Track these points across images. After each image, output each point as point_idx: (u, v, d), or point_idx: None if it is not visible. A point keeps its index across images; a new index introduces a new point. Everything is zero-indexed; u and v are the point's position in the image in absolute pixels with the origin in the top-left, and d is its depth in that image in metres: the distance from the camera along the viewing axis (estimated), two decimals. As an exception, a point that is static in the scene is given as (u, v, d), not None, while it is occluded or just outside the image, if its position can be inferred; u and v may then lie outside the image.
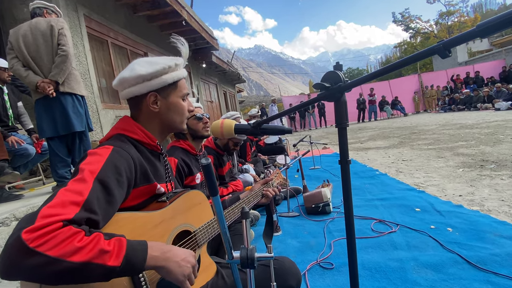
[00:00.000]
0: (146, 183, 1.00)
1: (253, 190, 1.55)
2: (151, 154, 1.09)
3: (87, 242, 0.69)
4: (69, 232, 0.67)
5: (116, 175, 0.86)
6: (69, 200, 0.73)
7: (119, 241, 0.74)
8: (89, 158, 0.86)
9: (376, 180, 3.71)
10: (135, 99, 1.07)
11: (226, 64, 13.68)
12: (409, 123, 11.40)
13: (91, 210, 0.75)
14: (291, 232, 2.44)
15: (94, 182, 0.79)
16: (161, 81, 1.04)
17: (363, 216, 2.53)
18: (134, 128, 1.05)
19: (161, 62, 1.05)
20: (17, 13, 4.38)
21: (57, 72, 2.68)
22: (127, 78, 1.04)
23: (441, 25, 40.62)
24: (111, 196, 0.82)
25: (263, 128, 1.00)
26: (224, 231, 0.77)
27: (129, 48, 6.50)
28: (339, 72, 0.79)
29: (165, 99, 1.08)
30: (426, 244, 1.93)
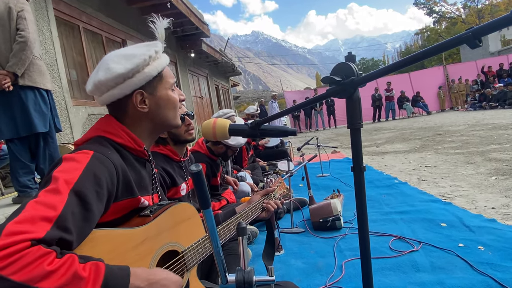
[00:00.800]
0: (129, 197, 1.00)
1: (251, 203, 1.54)
2: (136, 161, 1.08)
3: (58, 265, 0.68)
4: (38, 253, 0.67)
5: (95, 187, 0.85)
6: (40, 215, 0.72)
7: (96, 266, 0.73)
8: (64, 165, 0.85)
9: (395, 190, 3.72)
10: (117, 103, 1.06)
11: (219, 53, 13.71)
12: (433, 123, 11.45)
13: (64, 228, 0.74)
14: (295, 251, 2.44)
15: (70, 194, 0.78)
16: (145, 75, 1.03)
17: (380, 232, 2.53)
18: (118, 131, 1.04)
19: (139, 53, 1.03)
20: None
21: (15, 62, 2.62)
22: (104, 81, 1.02)
23: (469, 8, 40.94)
24: (88, 211, 0.82)
25: (262, 129, 1.00)
26: (217, 250, 0.77)
27: (105, 35, 6.51)
28: (352, 64, 0.80)
29: (152, 95, 1.07)
30: (454, 265, 1.93)
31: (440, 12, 43.15)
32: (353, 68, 0.79)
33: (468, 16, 40.05)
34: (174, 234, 1.10)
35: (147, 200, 1.07)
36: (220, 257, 0.78)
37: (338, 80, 0.80)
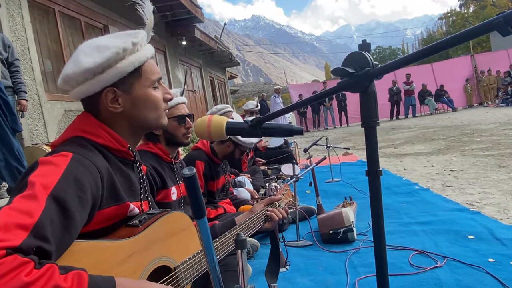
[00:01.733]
0: (115, 203, 1.01)
1: (253, 212, 1.55)
2: (122, 163, 1.09)
3: (37, 276, 0.69)
4: (14, 262, 0.68)
5: (77, 192, 0.86)
6: (15, 222, 0.73)
7: (78, 276, 0.74)
8: (41, 169, 0.86)
9: (416, 197, 3.72)
10: (88, 100, 1.07)
11: (214, 41, 13.73)
12: (459, 121, 11.45)
13: (42, 237, 0.75)
14: (302, 267, 2.44)
15: (48, 200, 0.79)
16: (117, 71, 1.03)
17: (399, 246, 2.53)
18: (97, 130, 1.05)
19: (112, 46, 1.03)
20: None
21: None
22: (72, 75, 1.02)
23: (501, -11, 40.91)
24: (69, 219, 0.83)
25: (264, 128, 1.00)
26: (212, 265, 0.78)
27: (84, 20, 6.53)
28: (367, 54, 0.80)
29: (127, 93, 1.07)
30: (483, 283, 1.93)
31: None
32: (368, 58, 0.79)
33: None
34: (166, 248, 1.10)
35: (136, 206, 1.08)
36: (216, 274, 0.79)
37: (351, 72, 0.80)
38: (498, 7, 37.80)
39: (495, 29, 0.57)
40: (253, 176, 4.47)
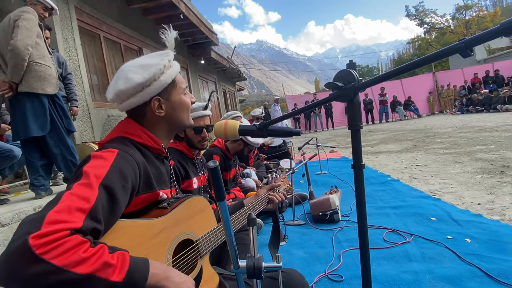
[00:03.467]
0: (149, 191, 1.01)
1: (258, 196, 1.56)
2: (156, 158, 1.10)
3: (92, 253, 0.70)
4: (76, 241, 0.68)
5: (122, 181, 0.87)
6: (76, 206, 0.73)
7: (122, 256, 0.75)
8: (93, 162, 0.87)
9: (388, 186, 3.72)
10: (136, 109, 1.07)
11: (226, 60, 13.73)
12: (423, 125, 11.39)
13: (96, 219, 0.76)
14: (297, 242, 2.45)
15: (100, 188, 0.80)
16: (161, 83, 1.05)
17: (375, 225, 2.53)
18: (138, 132, 1.06)
19: (154, 63, 1.05)
20: (3, 4, 4.42)
21: (9, 70, 2.57)
22: (124, 90, 1.03)
23: (458, 20, 40.63)
24: (115, 203, 0.83)
25: (270, 130, 1.01)
26: (230, 239, 0.78)
27: (123, 43, 6.55)
28: (353, 71, 0.80)
29: (168, 100, 1.09)
30: (443, 255, 1.93)
31: (430, 23, 42.87)
32: (354, 74, 0.80)
33: (457, 27, 39.73)
34: (189, 225, 1.11)
35: (165, 193, 1.09)
36: (233, 245, 0.80)
37: (340, 86, 0.80)
38: (456, 34, 37.52)
39: (457, 51, 0.57)
40: (257, 168, 4.48)
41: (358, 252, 0.88)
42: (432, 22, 42.91)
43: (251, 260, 0.80)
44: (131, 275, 0.74)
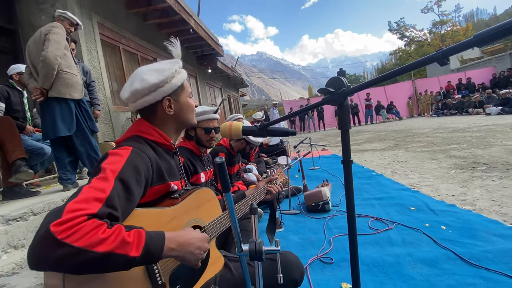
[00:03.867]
0: (161, 183, 1.01)
1: (258, 188, 1.56)
2: (166, 154, 1.10)
3: (110, 233, 0.70)
4: (93, 224, 0.69)
5: (135, 175, 0.87)
6: (93, 196, 0.74)
7: (138, 233, 0.75)
8: (110, 158, 0.87)
9: (373, 180, 3.71)
10: (148, 108, 1.08)
11: (230, 69, 13.71)
12: (403, 127, 11.37)
13: (112, 206, 0.76)
14: (293, 228, 2.45)
15: (115, 181, 0.80)
16: (172, 85, 1.06)
17: (361, 214, 2.53)
18: (150, 130, 1.07)
19: (167, 68, 1.06)
20: (35, 20, 4.42)
21: (40, 78, 2.60)
22: (140, 89, 1.03)
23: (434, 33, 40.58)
24: (130, 194, 0.84)
25: (269, 130, 1.00)
26: (235, 225, 0.78)
27: (140, 54, 6.55)
28: (343, 78, 0.80)
29: (176, 101, 1.10)
30: (421, 241, 1.93)
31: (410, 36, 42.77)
32: (343, 81, 0.79)
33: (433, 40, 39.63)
34: (198, 213, 1.11)
35: (175, 185, 1.09)
36: (237, 231, 0.79)
37: (332, 91, 0.80)
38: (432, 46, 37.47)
39: (435, 60, 0.57)
40: (258, 164, 4.47)
41: (347, 237, 0.88)
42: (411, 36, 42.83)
43: (253, 244, 0.80)
44: (147, 248, 0.75)
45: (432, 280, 1.49)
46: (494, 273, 1.48)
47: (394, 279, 1.53)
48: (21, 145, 2.72)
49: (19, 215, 2.22)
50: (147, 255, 0.75)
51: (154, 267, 0.91)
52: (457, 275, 1.50)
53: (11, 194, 2.72)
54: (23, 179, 2.69)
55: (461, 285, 1.42)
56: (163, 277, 0.93)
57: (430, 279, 1.49)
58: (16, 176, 2.60)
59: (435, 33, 40.39)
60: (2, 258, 1.99)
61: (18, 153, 2.66)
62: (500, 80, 15.31)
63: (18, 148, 2.67)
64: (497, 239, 1.82)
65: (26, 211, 2.27)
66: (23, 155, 2.69)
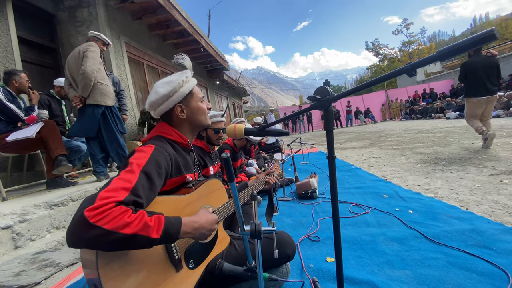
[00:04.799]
0: (179, 175, 1.01)
1: (258, 179, 1.55)
2: (183, 151, 1.10)
3: (134, 218, 0.70)
4: (120, 210, 0.69)
5: (157, 168, 0.87)
6: (121, 186, 0.74)
7: (158, 218, 0.75)
8: (136, 154, 0.87)
9: (352, 173, 3.70)
10: (166, 114, 1.07)
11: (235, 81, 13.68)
12: (378, 129, 11.34)
13: (137, 195, 0.76)
14: (286, 212, 2.44)
15: (140, 173, 0.80)
16: (181, 94, 1.05)
17: (343, 200, 2.52)
18: (170, 131, 1.06)
19: (174, 80, 1.05)
20: (73, 40, 4.40)
21: (80, 88, 2.62)
22: (154, 101, 1.04)
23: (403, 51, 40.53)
24: (152, 184, 0.83)
25: (266, 131, 1.00)
26: (238, 210, 0.78)
27: (160, 69, 6.53)
28: (328, 87, 0.80)
29: (188, 106, 1.08)
30: (392, 223, 1.92)
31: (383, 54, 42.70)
32: (329, 90, 0.79)
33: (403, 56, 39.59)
34: (208, 199, 1.11)
35: (190, 177, 1.08)
36: (240, 215, 0.79)
37: (318, 98, 0.80)
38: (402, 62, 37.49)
39: (405, 72, 0.56)
40: (257, 160, 4.46)
41: (331, 220, 0.87)
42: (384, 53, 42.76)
43: (253, 225, 0.80)
44: (166, 231, 0.74)
45: (401, 255, 1.48)
46: (452, 249, 1.48)
47: (370, 254, 1.53)
48: (62, 144, 2.71)
49: (60, 201, 2.22)
50: (166, 237, 0.75)
51: (172, 245, 0.91)
52: (422, 251, 1.50)
53: (54, 184, 2.72)
54: (63, 172, 2.68)
55: (425, 259, 1.42)
56: (179, 253, 0.93)
57: (399, 254, 1.49)
58: (58, 169, 2.60)
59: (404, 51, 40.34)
60: (47, 237, 1.99)
61: (60, 150, 2.65)
62: (458, 90, 15.26)
63: (59, 146, 2.67)
64: (455, 221, 1.81)
65: (66, 198, 2.27)
66: (64, 152, 2.68)
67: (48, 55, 4.29)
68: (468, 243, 1.52)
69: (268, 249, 1.08)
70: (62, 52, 4.42)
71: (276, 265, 1.18)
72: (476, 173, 2.88)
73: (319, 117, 17.41)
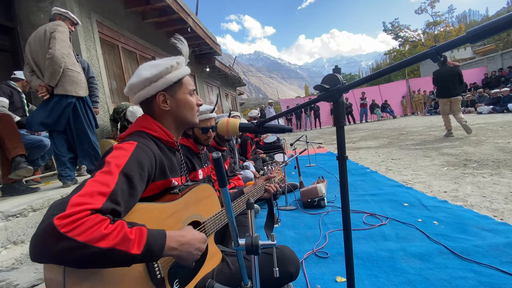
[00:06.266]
0: (163, 178, 1.01)
1: (256, 185, 1.55)
2: (169, 150, 1.09)
3: (112, 229, 0.69)
4: (96, 219, 0.68)
5: (139, 170, 0.86)
6: (97, 190, 0.73)
7: (140, 230, 0.74)
8: (114, 152, 0.86)
9: (367, 177, 3.72)
10: (146, 102, 1.07)
11: (228, 68, 13.66)
12: (397, 125, 11.42)
13: (116, 201, 0.75)
14: (289, 224, 2.45)
15: (120, 175, 0.79)
16: (166, 80, 1.04)
17: (356, 210, 2.54)
18: (153, 126, 1.05)
19: (163, 63, 1.05)
20: (34, 18, 4.36)
21: (47, 76, 2.58)
22: (135, 84, 1.04)
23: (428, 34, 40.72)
24: (133, 189, 0.83)
25: (265, 127, 1.00)
26: (231, 220, 0.78)
27: (138, 53, 6.49)
28: (338, 75, 0.80)
29: (173, 97, 1.07)
30: (414, 236, 1.94)
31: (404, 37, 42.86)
32: (339, 78, 0.79)
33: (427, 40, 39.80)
34: (197, 208, 1.11)
35: (176, 181, 1.08)
36: (233, 226, 0.79)
37: (327, 88, 0.80)
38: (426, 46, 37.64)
39: (429, 57, 0.57)
40: (255, 162, 4.47)
41: (341, 232, 0.88)
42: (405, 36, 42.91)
43: (249, 238, 0.80)
44: (149, 247, 0.74)
45: (425, 273, 1.50)
46: (484, 267, 1.49)
47: (388, 273, 1.54)
48: (21, 142, 2.69)
49: (19, 211, 2.20)
50: (148, 253, 0.74)
51: (154, 263, 0.91)
52: (449, 269, 1.51)
53: (11, 191, 2.70)
54: (22, 176, 2.66)
55: (452, 279, 1.43)
56: (162, 272, 0.93)
57: (422, 273, 1.50)
58: (15, 172, 2.58)
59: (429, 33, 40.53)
60: (2, 253, 1.97)
61: (18, 150, 2.63)
62: (491, 80, 15.42)
63: (18, 144, 2.65)
64: (488, 234, 1.83)
65: (25, 207, 2.25)
66: (23, 152, 2.66)
67: (4, 36, 4.25)
68: (503, 259, 1.54)
69: (267, 267, 1.08)
70: (21, 32, 4.39)
71: (277, 286, 1.19)
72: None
73: (328, 112, 17.47)
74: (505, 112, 10.39)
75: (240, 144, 4.66)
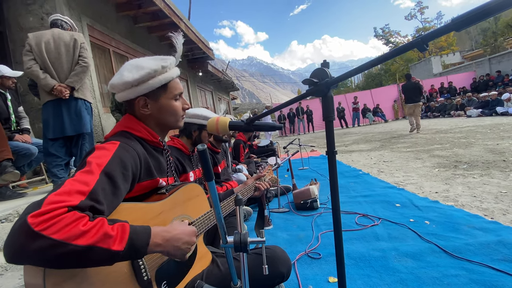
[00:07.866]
0: (149, 178, 0.99)
1: (247, 184, 1.54)
2: (155, 150, 1.07)
3: (91, 226, 0.67)
4: (73, 216, 0.66)
5: (122, 169, 0.84)
6: (76, 189, 0.71)
7: (122, 226, 0.72)
8: (96, 152, 0.84)
9: (360, 179, 3.73)
10: (128, 102, 1.05)
11: (221, 73, 13.68)
12: (389, 128, 11.54)
13: (96, 200, 0.73)
14: (281, 226, 2.43)
15: (101, 175, 0.77)
16: (148, 86, 1.00)
17: (348, 211, 2.54)
18: (137, 126, 1.03)
19: (147, 67, 0.99)
20: (23, 21, 4.31)
21: (76, 79, 2.77)
22: (115, 84, 1.00)
23: (417, 39, 41.47)
24: (116, 188, 0.81)
25: (255, 125, 0.99)
26: (219, 216, 0.76)
27: (130, 57, 6.45)
28: (326, 69, 0.79)
29: (155, 101, 1.03)
30: (406, 235, 1.94)
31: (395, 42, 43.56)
32: (327, 72, 0.78)
33: (416, 45, 40.54)
34: (185, 208, 1.08)
35: (164, 181, 1.06)
36: (221, 222, 0.77)
37: (315, 82, 0.79)
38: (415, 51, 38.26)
39: (415, 46, 0.57)
40: (248, 165, 4.45)
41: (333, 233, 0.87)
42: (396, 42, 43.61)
43: (238, 235, 0.78)
44: (132, 243, 0.72)
45: (417, 272, 1.49)
46: (475, 265, 1.50)
47: (380, 272, 1.53)
48: (7, 145, 2.63)
49: (4, 216, 2.14)
50: (131, 249, 0.72)
51: (140, 262, 0.88)
52: (441, 267, 1.51)
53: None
54: (9, 180, 2.60)
55: (444, 277, 1.43)
56: (149, 273, 0.90)
57: (415, 272, 1.50)
58: (2, 177, 2.52)
59: (418, 39, 41.29)
60: (-15, 260, 1.91)
61: (5, 153, 2.57)
62: (479, 84, 15.76)
63: (4, 148, 2.59)
64: (478, 232, 1.84)
65: (11, 212, 2.19)
66: (9, 156, 2.60)
67: (-9, 39, 4.18)
68: (493, 257, 1.55)
69: (258, 267, 1.06)
70: (10, 35, 4.32)
71: (268, 287, 1.17)
72: (502, 178, 2.95)
73: (320, 116, 17.55)
74: (493, 115, 10.59)
75: (233, 147, 4.64)
